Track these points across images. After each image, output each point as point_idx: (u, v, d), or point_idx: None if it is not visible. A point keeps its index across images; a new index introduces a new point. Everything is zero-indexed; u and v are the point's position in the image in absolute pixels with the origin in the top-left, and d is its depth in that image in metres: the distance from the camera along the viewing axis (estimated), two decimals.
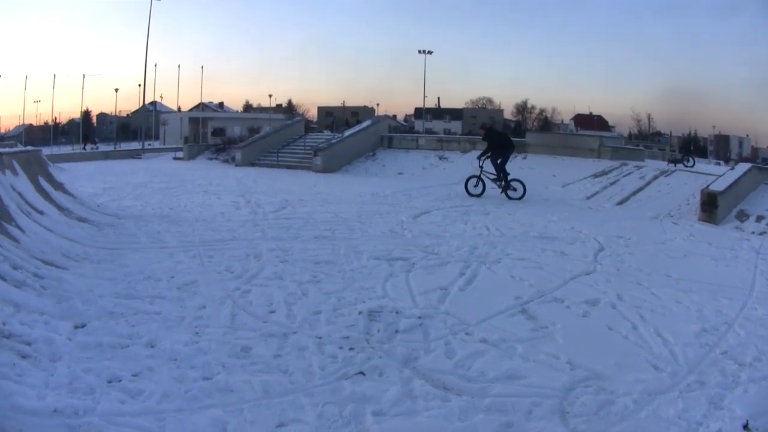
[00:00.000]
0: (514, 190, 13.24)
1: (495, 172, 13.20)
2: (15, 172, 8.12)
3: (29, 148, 11.21)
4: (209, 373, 3.66)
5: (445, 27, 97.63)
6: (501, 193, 13.29)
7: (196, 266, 6.47)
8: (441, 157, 19.72)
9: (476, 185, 13.55)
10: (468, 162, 17.78)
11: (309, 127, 32.34)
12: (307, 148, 22.78)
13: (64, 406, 3.27)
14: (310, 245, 7.40)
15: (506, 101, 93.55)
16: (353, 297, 5.18)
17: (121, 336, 4.35)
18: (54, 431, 3.04)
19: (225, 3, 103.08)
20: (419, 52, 48.82)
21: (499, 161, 13.13)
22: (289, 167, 21.43)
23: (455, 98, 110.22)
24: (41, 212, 7.99)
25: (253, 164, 22.93)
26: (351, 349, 4.01)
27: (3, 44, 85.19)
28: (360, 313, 4.66)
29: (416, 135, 26.38)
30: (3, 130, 48.09)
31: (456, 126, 65.79)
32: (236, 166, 23.03)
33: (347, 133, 22.54)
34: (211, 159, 26.81)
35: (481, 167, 13.40)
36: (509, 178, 13.28)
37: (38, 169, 9.40)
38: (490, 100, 75.33)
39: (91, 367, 3.75)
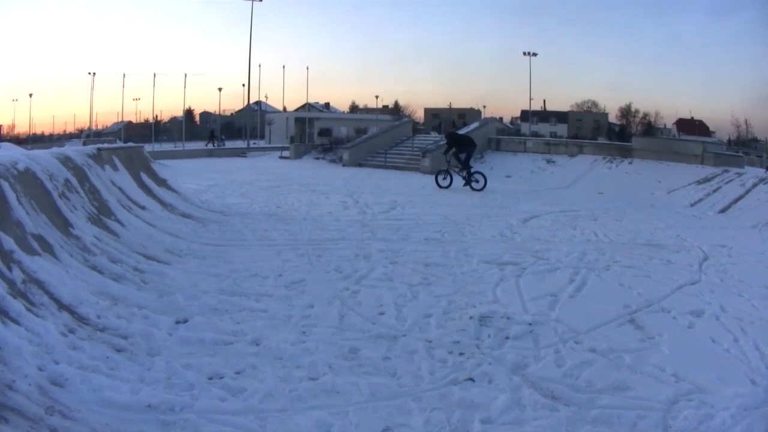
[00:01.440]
0: (476, 182, 16.45)
1: (460, 166, 16.74)
2: (115, 168, 8.90)
3: (131, 144, 12.32)
4: (315, 373, 3.90)
5: (551, 29, 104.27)
6: (464, 185, 16.55)
7: (304, 265, 6.97)
8: (548, 161, 21.36)
9: (444, 178, 16.90)
10: (576, 165, 20.04)
11: (416, 128, 34.12)
12: (414, 149, 24.75)
13: (160, 401, 3.42)
14: (420, 247, 7.95)
15: (610, 104, 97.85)
16: (464, 301, 5.55)
17: (224, 333, 4.67)
18: (145, 427, 3.17)
19: (329, 3, 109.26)
20: (524, 54, 52.05)
21: (463, 157, 16.73)
22: (396, 168, 23.32)
23: (560, 101, 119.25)
24: (143, 207, 8.69)
25: (360, 164, 25.03)
26: (461, 354, 4.29)
27: (100, 42, 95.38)
28: (471, 317, 5.00)
29: (524, 138, 28.34)
30: (101, 127, 54.04)
31: (561, 129, 70.20)
32: (343, 166, 25.18)
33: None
34: (317, 159, 28.93)
35: (448, 162, 17.01)
36: (472, 171, 16.69)
37: (140, 165, 10.24)
38: (594, 103, 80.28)
39: (191, 363, 4.02)
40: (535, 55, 51.33)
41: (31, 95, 61.02)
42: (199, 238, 8.40)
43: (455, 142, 17.19)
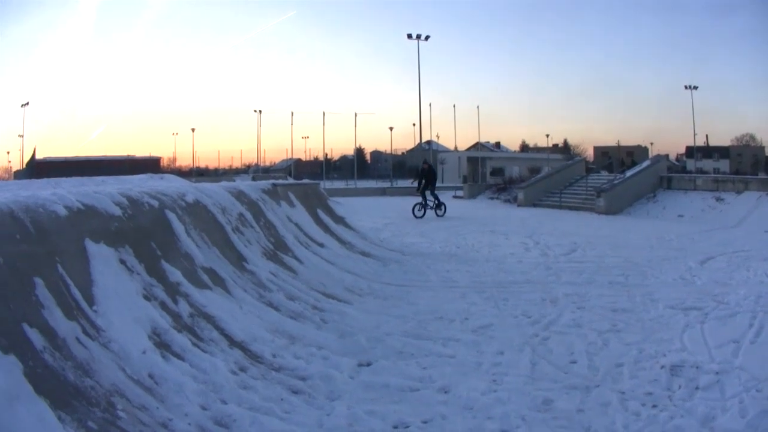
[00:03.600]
0: (440, 209, 20.27)
1: (433, 198, 20.22)
2: (292, 204, 9.11)
3: (306, 181, 12.86)
4: (508, 425, 3.86)
5: (711, 59, 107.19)
6: (434, 211, 20.14)
7: (490, 308, 7.08)
8: (717, 198, 21.79)
9: (420, 209, 19.83)
10: (743, 202, 20.31)
11: (587, 167, 34.39)
12: (588, 188, 25.69)
13: None
14: (606, 291, 8.05)
15: (766, 137, 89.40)
16: (653, 349, 5.59)
17: (411, 378, 4.60)
18: None
19: (498, 43, 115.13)
20: (685, 87, 56.38)
21: (434, 189, 20.35)
22: (571, 208, 24.38)
23: (721, 135, 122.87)
24: (321, 244, 8.74)
25: (534, 204, 26.26)
26: (654, 406, 4.28)
27: (266, 79, 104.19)
28: (662, 367, 5.08)
29: (693, 176, 27.90)
30: (269, 163, 58.00)
31: (724, 164, 73.14)
32: (518, 206, 26.49)
33: (629, 173, 25.30)
34: (492, 198, 30.53)
35: (423, 195, 20.08)
36: (438, 200, 20.37)
37: (317, 202, 10.47)
38: (752, 137, 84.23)
39: (375, 410, 3.92)
40: (695, 88, 56.09)
41: (193, 129, 67.29)
42: (380, 278, 8.36)
43: (431, 174, 20.77)
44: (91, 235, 4.12)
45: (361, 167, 54.56)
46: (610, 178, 25.80)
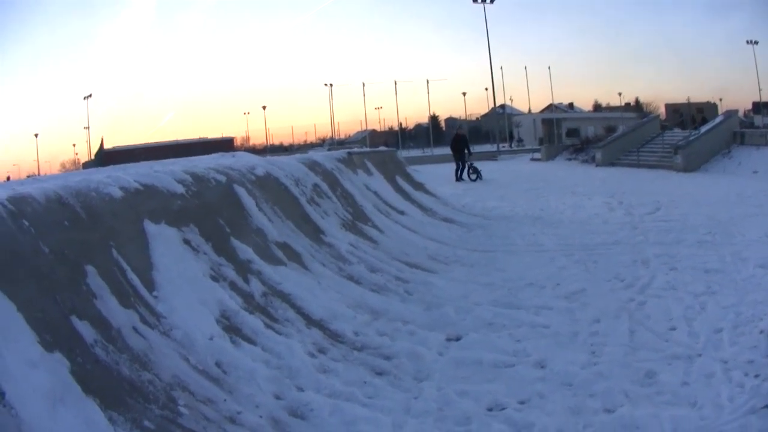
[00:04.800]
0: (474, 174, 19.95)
1: (465, 166, 20.19)
2: (369, 172, 8.78)
3: (383, 148, 12.34)
4: (611, 403, 3.60)
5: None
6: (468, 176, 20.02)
7: (581, 272, 6.76)
8: None
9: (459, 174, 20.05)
10: None
11: (661, 125, 33.10)
12: (665, 146, 25.28)
13: None
14: (696, 251, 7.73)
15: None
16: (750, 312, 5.29)
17: (504, 352, 4.32)
18: None
19: (565, 3, 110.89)
20: (747, 42, 54.56)
21: (466, 156, 20.48)
22: (648, 166, 23.84)
23: None
24: (402, 212, 8.37)
25: (612, 164, 25.72)
26: (756, 376, 3.98)
27: (336, 52, 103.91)
28: (761, 332, 4.80)
29: (766, 131, 26.21)
30: (344, 136, 58.09)
31: None
32: (596, 166, 25.95)
33: (703, 130, 24.77)
34: (569, 159, 29.72)
35: (459, 161, 20.23)
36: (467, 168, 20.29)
37: (395, 169, 10.11)
38: None
39: (467, 390, 3.63)
40: (756, 43, 54.04)
41: (264, 107, 66.02)
42: (465, 244, 7.93)
43: (461, 143, 20.38)
44: (151, 215, 3.90)
45: (437, 134, 54.02)
46: (685, 135, 25.18)
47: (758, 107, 61.18)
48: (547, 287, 5.98)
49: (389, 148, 13.83)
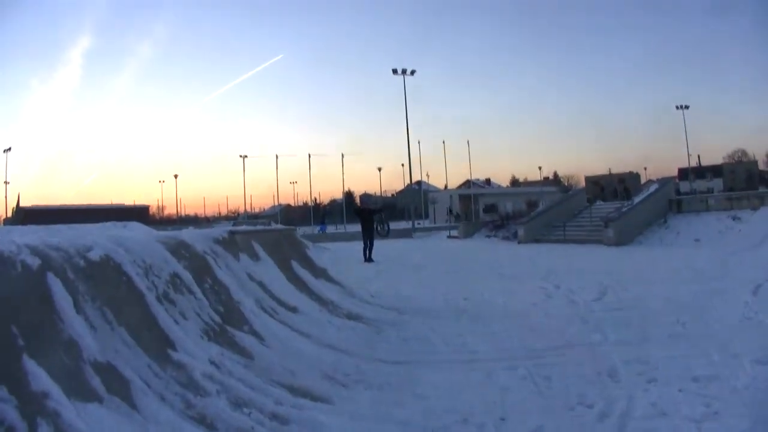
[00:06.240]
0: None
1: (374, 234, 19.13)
2: (256, 257, 7.16)
3: (278, 226, 10.79)
4: None
5: (697, 79, 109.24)
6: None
7: (532, 396, 5.13)
8: (734, 218, 21.66)
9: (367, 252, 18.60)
10: (761, 220, 20.02)
11: (588, 198, 35.37)
12: (594, 219, 25.48)
13: None
14: (671, 350, 6.40)
15: (759, 151, 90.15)
16: None
17: None
18: None
19: (482, 78, 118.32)
20: (677, 107, 57.13)
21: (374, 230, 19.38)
22: (577, 241, 23.72)
23: (713, 153, 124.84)
24: (294, 309, 6.69)
25: (537, 240, 25.65)
26: None
27: (252, 125, 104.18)
28: None
29: (705, 195, 29.60)
30: (258, 210, 56.95)
31: (717, 183, 73.48)
32: (519, 243, 25.78)
33: (637, 200, 25.19)
34: (489, 236, 29.94)
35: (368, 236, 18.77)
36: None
37: (292, 252, 8.49)
38: (744, 152, 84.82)
39: None
40: (687, 107, 56.86)
41: (176, 176, 63.56)
42: (372, 352, 6.22)
43: (368, 216, 19.48)
44: None
45: (350, 211, 54.21)
46: (617, 207, 25.80)
47: (685, 173, 64.89)
48: (488, 425, 4.29)
49: (287, 226, 12.24)
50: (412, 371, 5.61)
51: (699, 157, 76.61)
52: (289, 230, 9.57)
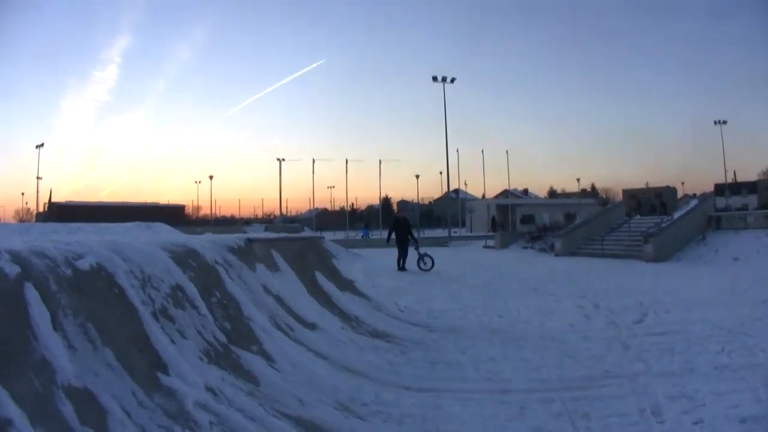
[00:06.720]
0: (424, 262, 17.66)
1: (415, 251, 17.92)
2: (275, 267, 6.59)
3: (305, 234, 10.25)
4: None
5: (735, 95, 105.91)
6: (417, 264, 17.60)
7: None
8: None
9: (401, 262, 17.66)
10: None
11: (627, 211, 33.58)
12: (633, 233, 24.73)
13: None
14: (718, 384, 5.83)
15: None
16: None
17: None
18: None
19: (523, 87, 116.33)
20: (715, 123, 57.09)
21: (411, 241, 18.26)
22: (614, 256, 23.09)
23: (749, 169, 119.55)
24: (313, 326, 6.15)
25: (573, 253, 25.02)
26: None
27: (291, 128, 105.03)
28: None
29: (744, 213, 28.14)
30: (294, 213, 56.84)
31: (752, 200, 71.88)
32: (556, 255, 25.08)
33: (677, 215, 24.61)
34: (525, 248, 29.13)
35: (402, 247, 17.93)
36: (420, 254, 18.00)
37: (317, 263, 7.99)
38: None
39: None
40: (725, 123, 56.94)
41: (212, 177, 63.93)
42: (395, 377, 5.64)
43: (405, 227, 18.45)
44: None
45: (388, 217, 53.68)
46: (656, 222, 24.87)
47: (721, 189, 63.54)
48: None
49: (313, 234, 11.71)
50: (439, 402, 5.06)
51: (735, 173, 75.23)
52: (315, 239, 9.06)
